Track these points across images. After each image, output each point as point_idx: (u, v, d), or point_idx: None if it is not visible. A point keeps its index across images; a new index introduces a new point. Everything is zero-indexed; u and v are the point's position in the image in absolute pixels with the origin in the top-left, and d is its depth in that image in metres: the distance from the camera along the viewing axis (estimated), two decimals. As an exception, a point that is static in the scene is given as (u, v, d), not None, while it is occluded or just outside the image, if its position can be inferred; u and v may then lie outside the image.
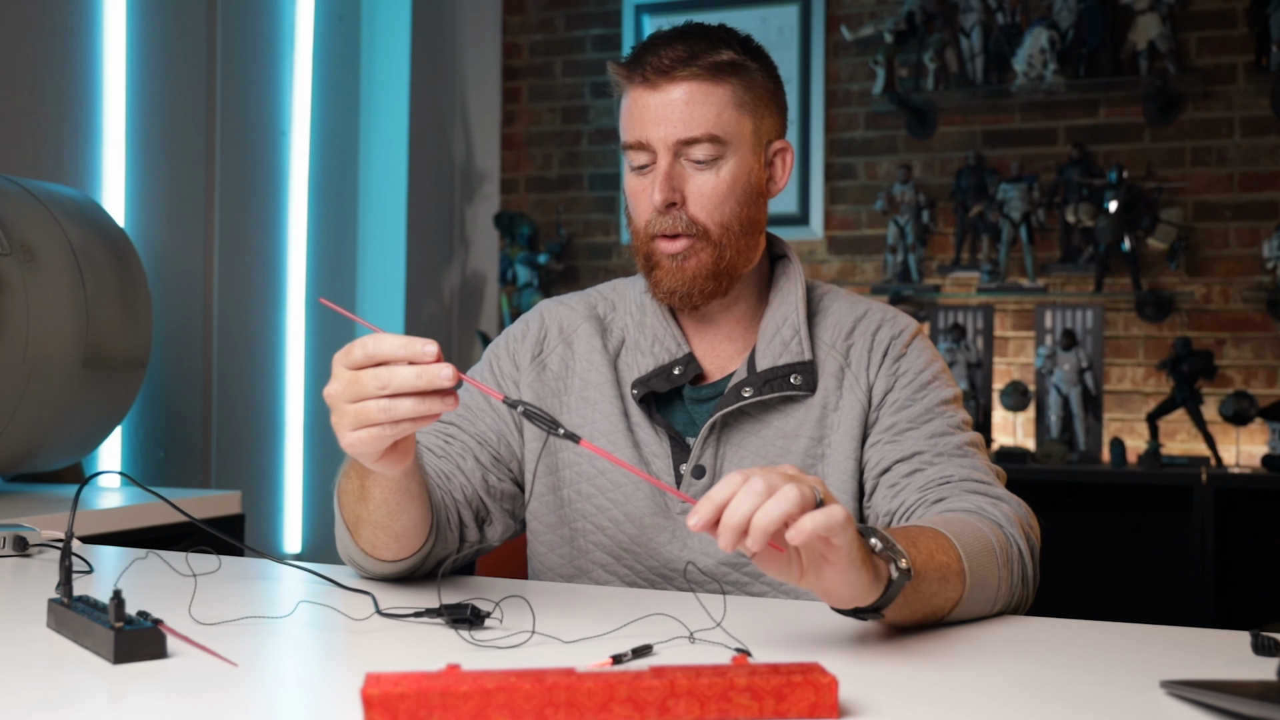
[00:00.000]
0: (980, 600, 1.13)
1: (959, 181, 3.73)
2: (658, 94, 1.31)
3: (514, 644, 0.99)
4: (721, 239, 1.33)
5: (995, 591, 1.14)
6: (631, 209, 1.37)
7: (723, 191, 1.32)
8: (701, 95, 1.31)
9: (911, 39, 3.76)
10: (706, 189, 1.32)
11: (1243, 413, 3.34)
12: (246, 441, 3.27)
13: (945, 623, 1.11)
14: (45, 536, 1.49)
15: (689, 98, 1.30)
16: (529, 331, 1.45)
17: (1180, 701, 0.85)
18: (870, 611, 1.00)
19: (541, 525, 1.41)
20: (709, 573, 1.33)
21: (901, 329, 1.39)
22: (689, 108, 1.30)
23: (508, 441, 1.40)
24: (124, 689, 0.87)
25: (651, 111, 1.31)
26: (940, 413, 1.34)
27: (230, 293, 3.19)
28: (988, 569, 1.13)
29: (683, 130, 1.30)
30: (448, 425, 1.39)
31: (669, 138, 1.31)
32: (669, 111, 1.31)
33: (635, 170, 1.35)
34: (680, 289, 1.34)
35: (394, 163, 3.81)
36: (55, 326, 2.09)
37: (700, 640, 1.01)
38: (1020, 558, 1.19)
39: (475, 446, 1.38)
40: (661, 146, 1.31)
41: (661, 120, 1.31)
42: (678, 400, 1.39)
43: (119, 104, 2.80)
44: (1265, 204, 3.52)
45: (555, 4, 4.27)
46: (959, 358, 3.65)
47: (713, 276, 1.33)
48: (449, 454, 1.36)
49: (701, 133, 1.31)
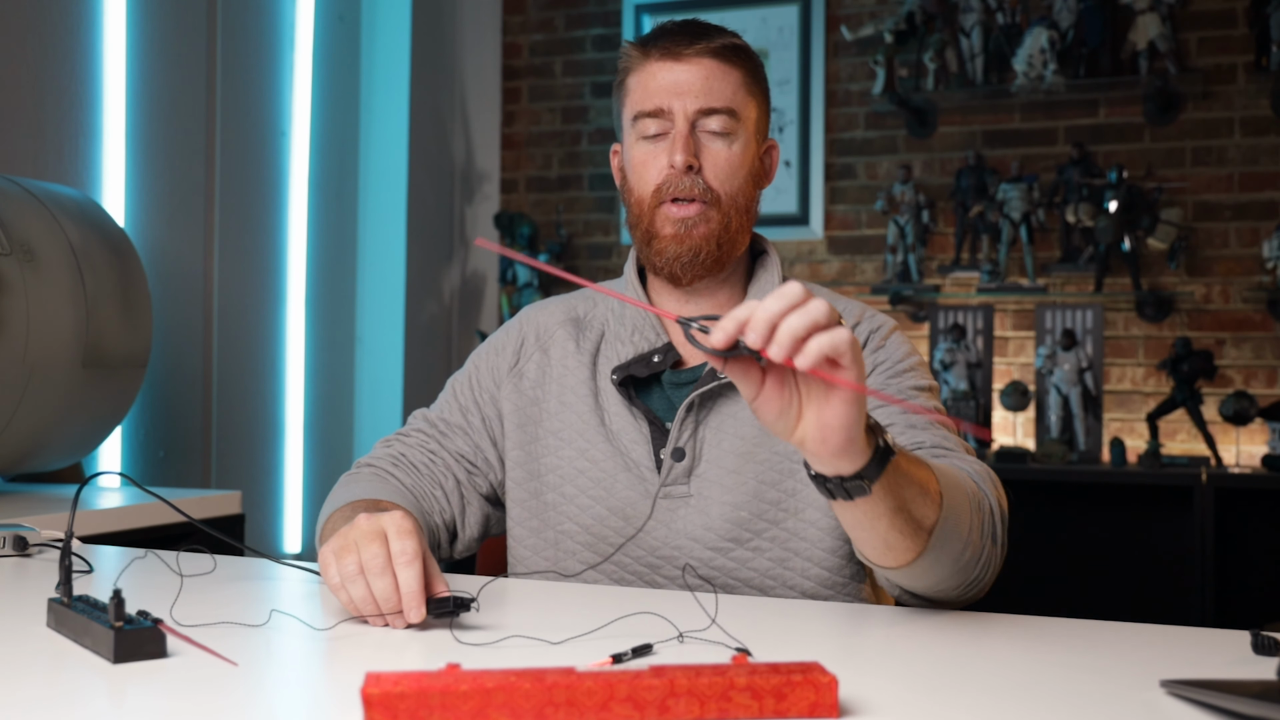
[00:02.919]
0: (954, 536, 1.08)
1: (959, 181, 3.73)
2: (680, 65, 1.36)
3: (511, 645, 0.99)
4: (729, 209, 1.37)
5: (967, 532, 1.10)
6: (637, 177, 1.39)
7: (735, 163, 1.37)
8: (720, 73, 1.37)
9: (911, 39, 3.76)
10: (722, 158, 1.37)
11: (1243, 413, 3.34)
12: (246, 441, 3.27)
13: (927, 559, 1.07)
14: (45, 536, 1.49)
15: (709, 73, 1.36)
16: (508, 342, 1.49)
17: (1180, 701, 0.85)
18: (855, 482, 0.97)
19: (524, 530, 1.43)
20: (698, 559, 1.33)
21: (880, 324, 1.41)
22: (709, 81, 1.36)
23: (484, 455, 1.46)
24: (124, 689, 0.87)
25: (671, 82, 1.36)
26: (913, 396, 1.34)
27: (230, 293, 3.19)
28: (960, 504, 1.09)
29: (704, 100, 1.35)
30: (428, 440, 1.46)
31: (689, 106, 1.35)
32: (691, 81, 1.36)
33: (647, 139, 1.38)
34: (685, 255, 1.36)
35: (394, 163, 3.81)
36: (55, 326, 2.09)
37: (700, 640, 1.00)
38: (990, 512, 1.16)
39: (453, 463, 1.45)
40: (681, 114, 1.35)
41: (683, 90, 1.36)
42: (657, 386, 1.40)
43: (119, 104, 2.80)
44: (1265, 204, 3.52)
45: (555, 4, 4.27)
46: (959, 358, 3.65)
47: (717, 245, 1.37)
48: (432, 471, 1.44)
49: (721, 104, 1.36)
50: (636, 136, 1.39)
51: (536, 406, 1.44)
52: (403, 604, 1.03)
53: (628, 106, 1.40)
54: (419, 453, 1.45)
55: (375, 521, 1.07)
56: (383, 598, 1.03)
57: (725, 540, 1.32)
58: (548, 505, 1.40)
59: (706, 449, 1.35)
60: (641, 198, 1.38)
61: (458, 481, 1.44)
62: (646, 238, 1.38)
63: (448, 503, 1.43)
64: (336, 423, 3.69)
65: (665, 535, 1.34)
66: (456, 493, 1.44)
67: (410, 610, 1.02)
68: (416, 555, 1.04)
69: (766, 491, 1.33)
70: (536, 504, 1.41)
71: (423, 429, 1.48)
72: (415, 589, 1.03)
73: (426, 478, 1.43)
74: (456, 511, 1.44)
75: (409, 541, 1.04)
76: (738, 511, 1.32)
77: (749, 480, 1.33)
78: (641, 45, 1.39)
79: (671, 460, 1.35)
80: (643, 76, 1.38)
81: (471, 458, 1.45)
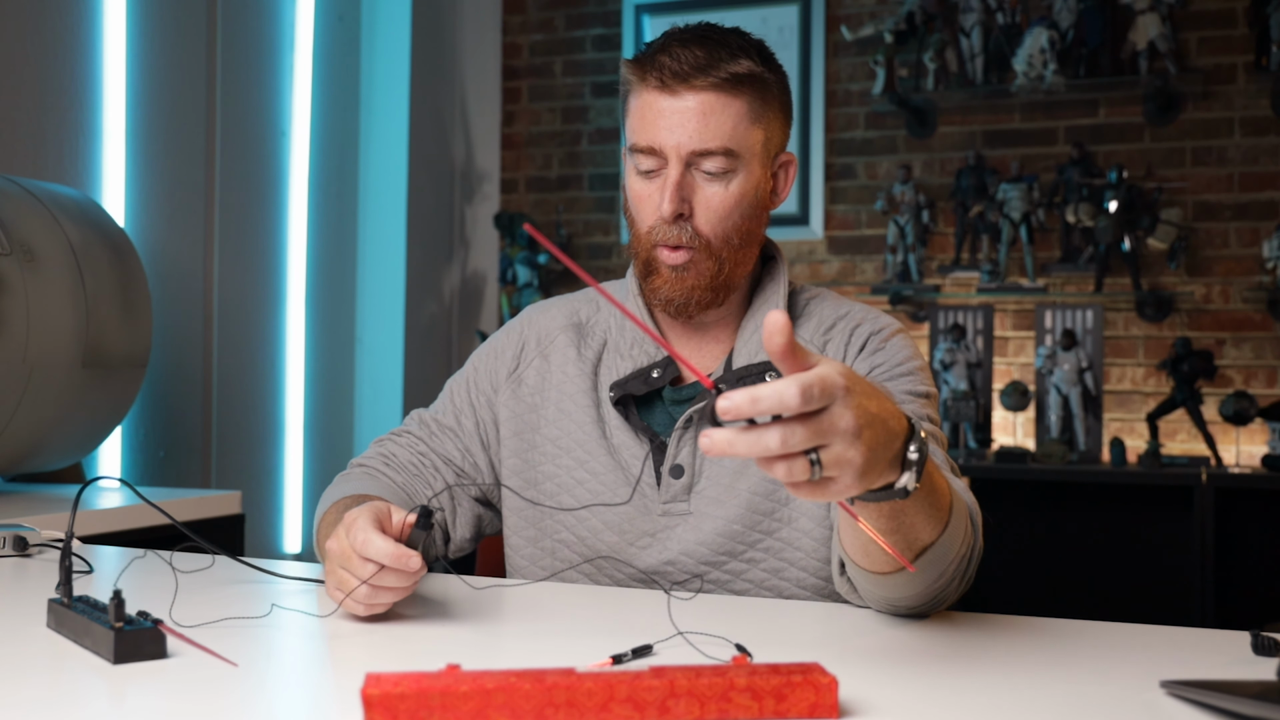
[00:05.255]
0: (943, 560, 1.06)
1: (959, 181, 3.73)
2: (674, 100, 1.28)
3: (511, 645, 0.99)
4: (721, 252, 1.32)
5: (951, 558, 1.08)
6: (634, 212, 1.35)
7: (729, 206, 1.31)
8: (719, 106, 1.28)
9: (911, 39, 3.76)
10: (714, 202, 1.30)
11: (1243, 413, 3.34)
12: (246, 441, 3.27)
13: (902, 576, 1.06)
14: (45, 536, 1.49)
15: (705, 108, 1.28)
16: (507, 345, 1.47)
17: (1180, 701, 0.85)
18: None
19: (521, 540, 1.42)
20: (691, 573, 1.32)
21: (882, 327, 1.38)
22: (705, 119, 1.28)
23: (473, 460, 1.45)
24: (124, 689, 0.87)
25: (665, 118, 1.28)
26: (907, 401, 1.31)
27: (230, 293, 3.19)
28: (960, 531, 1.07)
29: (698, 142, 1.28)
30: (418, 442, 1.45)
31: (683, 147, 1.28)
32: (684, 120, 1.28)
33: (642, 174, 1.33)
34: (678, 299, 1.34)
35: (394, 163, 3.81)
36: (55, 326, 2.09)
37: (700, 640, 1.00)
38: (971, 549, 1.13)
39: (441, 465, 1.44)
40: (674, 155, 1.29)
41: (676, 128, 1.28)
42: (658, 402, 1.39)
43: (119, 104, 2.80)
44: (1265, 204, 3.52)
45: (555, 4, 4.27)
46: (959, 358, 3.65)
47: (710, 289, 1.33)
48: (422, 473, 1.43)
49: (717, 145, 1.28)
50: (633, 168, 1.33)
51: (535, 413, 1.42)
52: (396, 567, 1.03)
53: (627, 130, 1.35)
54: (409, 453, 1.44)
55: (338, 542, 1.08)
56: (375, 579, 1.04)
57: (719, 554, 1.32)
58: (544, 514, 1.39)
59: (706, 465, 1.34)
60: (637, 233, 1.35)
61: (447, 484, 1.43)
62: (644, 270, 1.35)
63: (439, 504, 1.42)
64: (336, 423, 3.69)
65: (661, 551, 1.34)
66: (447, 494, 1.43)
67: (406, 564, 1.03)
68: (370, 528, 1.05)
69: (760, 503, 1.31)
70: (533, 512, 1.40)
71: (414, 430, 1.47)
72: (390, 552, 1.03)
73: (417, 477, 1.42)
74: (448, 512, 1.43)
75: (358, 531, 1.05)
76: (731, 525, 1.31)
77: (743, 493, 1.32)
78: (640, 67, 1.31)
79: (670, 477, 1.34)
80: (639, 104, 1.31)
81: (459, 463, 1.44)
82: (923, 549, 1.03)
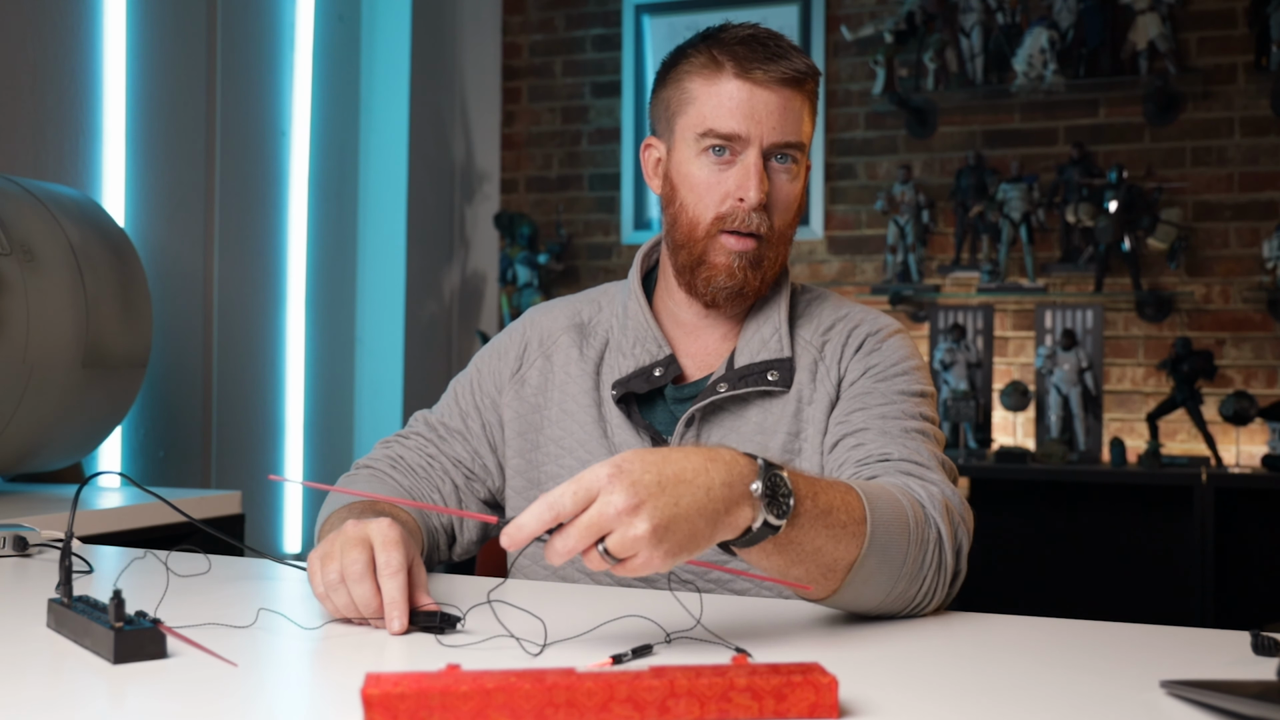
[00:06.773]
0: (883, 571, 1.08)
1: (959, 181, 3.73)
2: (758, 90, 1.30)
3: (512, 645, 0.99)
4: (779, 244, 1.35)
5: (900, 566, 1.09)
6: (695, 197, 1.33)
7: (794, 199, 1.35)
8: (796, 104, 1.32)
9: (911, 39, 3.76)
10: (784, 195, 1.33)
11: (1243, 413, 3.34)
12: (246, 441, 3.27)
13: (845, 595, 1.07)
14: (45, 536, 1.49)
15: (785, 103, 1.31)
16: (510, 346, 1.48)
17: (1180, 701, 0.85)
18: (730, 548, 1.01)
19: None
20: (691, 573, 1.32)
21: (880, 327, 1.39)
22: (785, 113, 1.31)
23: (482, 461, 1.45)
24: (124, 689, 0.87)
25: (749, 107, 1.30)
26: (898, 400, 1.31)
27: (230, 293, 3.19)
28: (894, 538, 1.08)
29: (780, 134, 1.30)
30: (427, 444, 1.45)
31: (766, 138, 1.30)
32: (767, 111, 1.30)
33: (712, 160, 1.32)
34: (733, 287, 1.34)
35: (394, 163, 3.81)
36: (55, 326, 2.09)
37: (700, 640, 1.00)
38: (938, 541, 1.14)
39: (451, 468, 1.44)
40: (757, 145, 1.30)
41: (761, 118, 1.30)
42: (660, 400, 1.39)
43: (119, 104, 2.80)
44: (1265, 204, 3.52)
45: (555, 4, 4.27)
46: (959, 358, 3.65)
47: (761, 281, 1.35)
48: (430, 475, 1.43)
49: (795, 139, 1.32)
50: (699, 152, 1.32)
51: (538, 414, 1.43)
52: (385, 613, 1.03)
53: (691, 116, 1.33)
54: (417, 455, 1.44)
55: (361, 528, 1.07)
56: (362, 603, 1.04)
57: (720, 554, 1.31)
58: None
59: None
60: (696, 219, 1.33)
61: (455, 486, 1.43)
62: (695, 261, 1.34)
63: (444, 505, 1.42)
64: (336, 423, 3.69)
65: None
66: (454, 497, 1.43)
67: (392, 619, 1.03)
68: (401, 567, 1.04)
69: None
70: None
71: (422, 432, 1.47)
72: (398, 598, 1.03)
73: (424, 480, 1.42)
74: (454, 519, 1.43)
75: (395, 553, 1.04)
76: None
77: None
78: (711, 51, 1.31)
79: None
80: (714, 90, 1.31)
81: (469, 464, 1.44)
82: (850, 565, 1.05)
